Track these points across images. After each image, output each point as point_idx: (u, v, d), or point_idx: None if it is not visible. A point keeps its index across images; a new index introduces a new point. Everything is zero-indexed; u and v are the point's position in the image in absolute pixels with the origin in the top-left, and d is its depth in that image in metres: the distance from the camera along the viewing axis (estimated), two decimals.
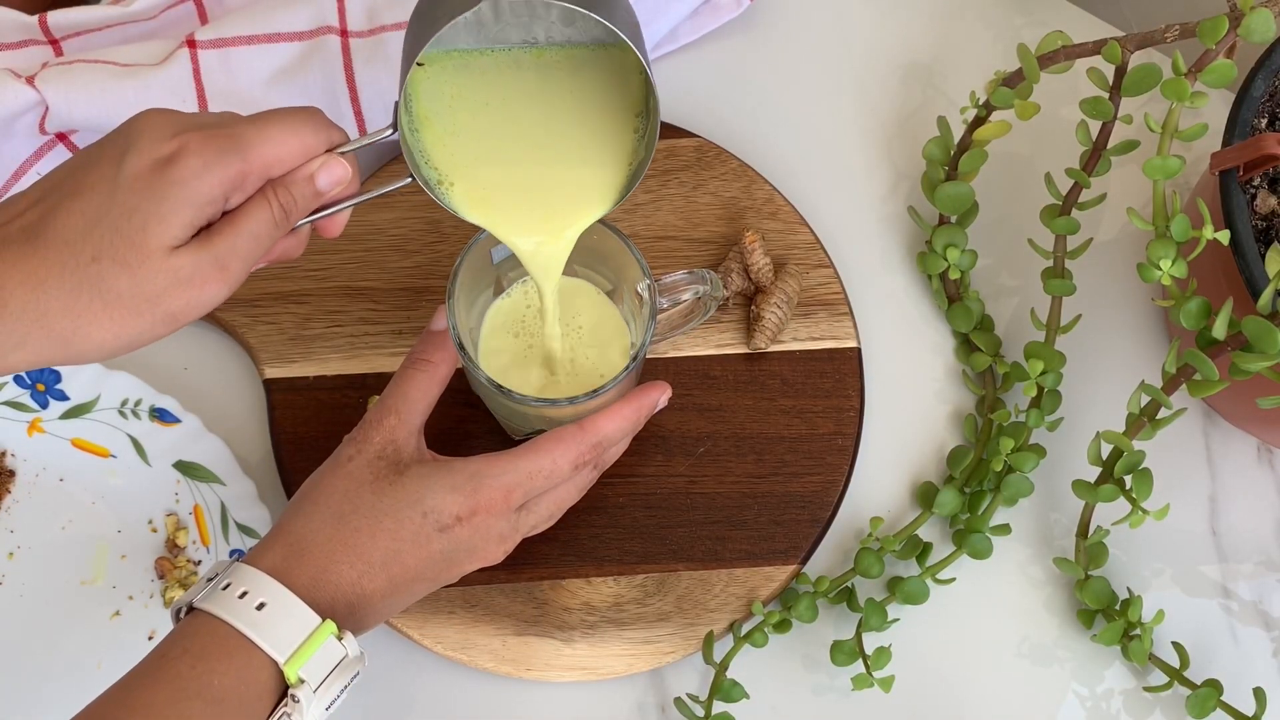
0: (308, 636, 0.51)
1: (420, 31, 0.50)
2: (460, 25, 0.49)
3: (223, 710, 0.49)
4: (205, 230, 0.50)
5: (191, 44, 0.68)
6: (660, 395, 0.61)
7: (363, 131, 0.71)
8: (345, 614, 0.54)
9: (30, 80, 0.66)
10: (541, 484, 0.57)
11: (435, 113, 0.56)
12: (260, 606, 0.51)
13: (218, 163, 0.48)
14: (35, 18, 0.70)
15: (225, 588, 0.51)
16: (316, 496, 0.55)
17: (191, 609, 0.52)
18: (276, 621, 0.51)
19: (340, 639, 0.52)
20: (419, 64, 0.54)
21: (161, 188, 0.48)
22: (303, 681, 0.50)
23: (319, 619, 0.51)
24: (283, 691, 0.51)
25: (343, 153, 0.53)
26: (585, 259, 0.63)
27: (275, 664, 0.50)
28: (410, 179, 0.54)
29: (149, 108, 0.51)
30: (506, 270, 0.63)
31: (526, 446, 0.57)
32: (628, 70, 0.55)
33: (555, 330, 0.60)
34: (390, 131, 0.53)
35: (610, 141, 0.56)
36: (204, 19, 0.73)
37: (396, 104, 0.52)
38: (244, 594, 0.51)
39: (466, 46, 0.55)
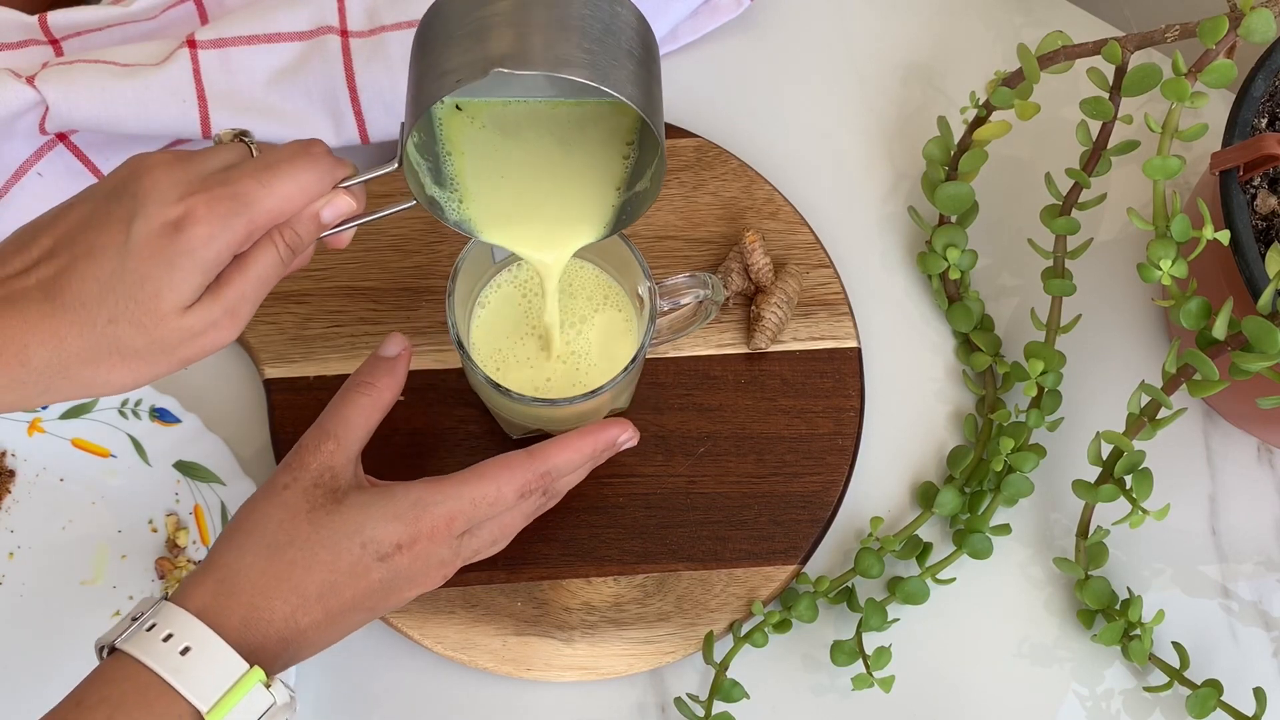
0: (233, 685, 0.49)
1: (430, 80, 0.50)
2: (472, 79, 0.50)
3: None
4: (214, 280, 0.50)
5: (192, 44, 0.68)
6: (620, 434, 0.60)
7: (363, 130, 0.71)
8: (278, 650, 0.52)
9: (30, 80, 0.66)
10: (485, 511, 0.56)
11: (463, 145, 0.57)
12: (184, 651, 0.49)
13: (225, 228, 0.49)
14: (35, 18, 0.70)
15: (150, 629, 0.50)
16: (250, 528, 0.53)
17: (114, 649, 0.50)
18: (200, 668, 0.48)
19: (269, 686, 0.50)
20: (458, 108, 0.56)
21: (170, 256, 0.48)
22: None
23: (246, 666, 0.49)
24: None
25: (349, 186, 0.53)
26: (594, 258, 0.64)
27: (198, 713, 0.48)
28: (414, 202, 0.55)
29: (153, 158, 0.51)
30: (508, 265, 0.63)
31: (471, 472, 0.56)
32: (628, 109, 0.57)
33: (554, 312, 0.61)
34: (394, 166, 0.53)
35: (612, 171, 0.58)
36: (204, 19, 0.73)
37: (402, 134, 0.52)
38: (169, 636, 0.49)
39: (486, 98, 0.56)
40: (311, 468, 0.55)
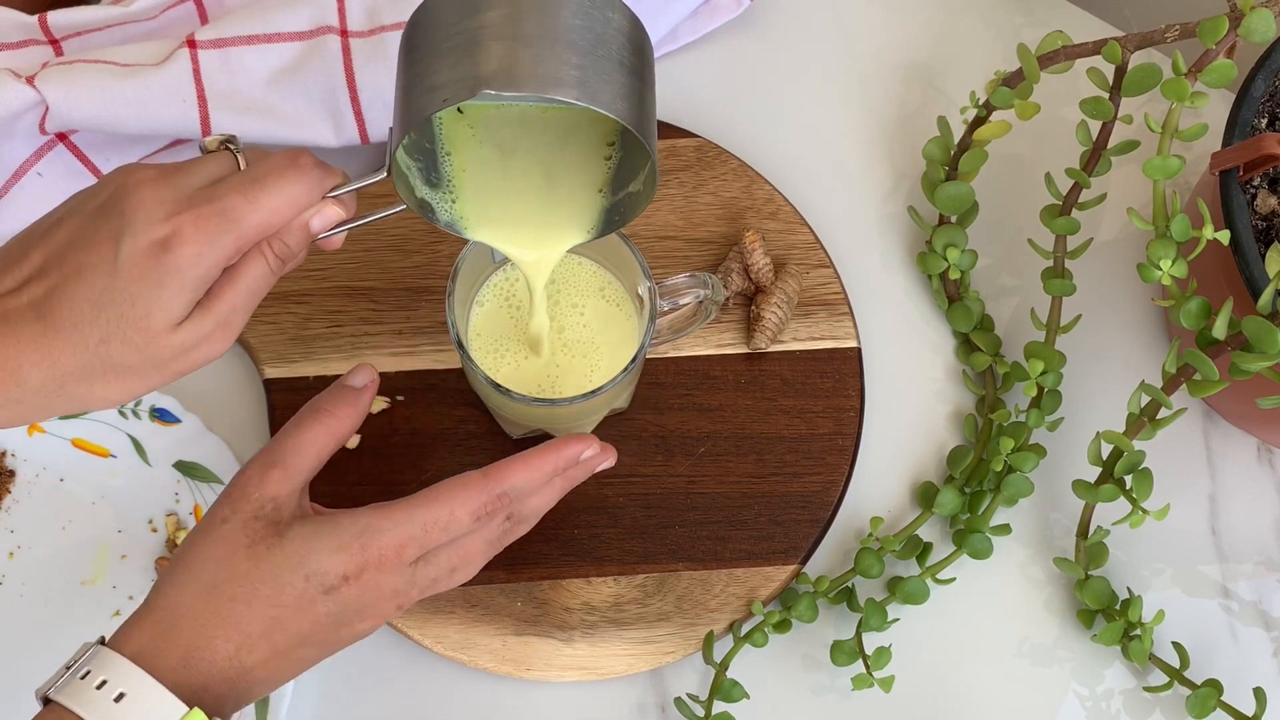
0: None
1: (418, 94, 0.50)
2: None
3: None
4: (205, 294, 0.50)
5: (191, 44, 0.68)
6: (583, 451, 0.57)
7: (363, 130, 0.71)
8: (223, 692, 0.50)
9: (30, 80, 0.66)
10: (439, 537, 0.53)
11: (459, 144, 0.57)
12: (119, 698, 0.47)
13: (213, 246, 0.49)
14: (35, 18, 0.70)
15: (84, 676, 0.48)
16: (188, 565, 0.51)
17: (48, 701, 0.48)
18: (134, 715, 0.47)
19: None
20: (459, 110, 0.56)
21: (159, 275, 0.48)
22: None
23: (183, 708, 0.47)
24: None
25: (338, 195, 0.53)
26: (594, 257, 0.63)
27: None
28: (405, 205, 0.55)
29: (140, 174, 0.50)
30: (506, 264, 0.63)
31: (422, 495, 0.53)
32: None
33: (542, 318, 0.60)
34: (384, 174, 0.53)
35: (594, 174, 0.57)
36: (204, 19, 0.73)
37: (391, 141, 0.52)
38: (102, 683, 0.47)
39: (478, 102, 0.55)
40: (252, 499, 0.52)
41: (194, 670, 0.49)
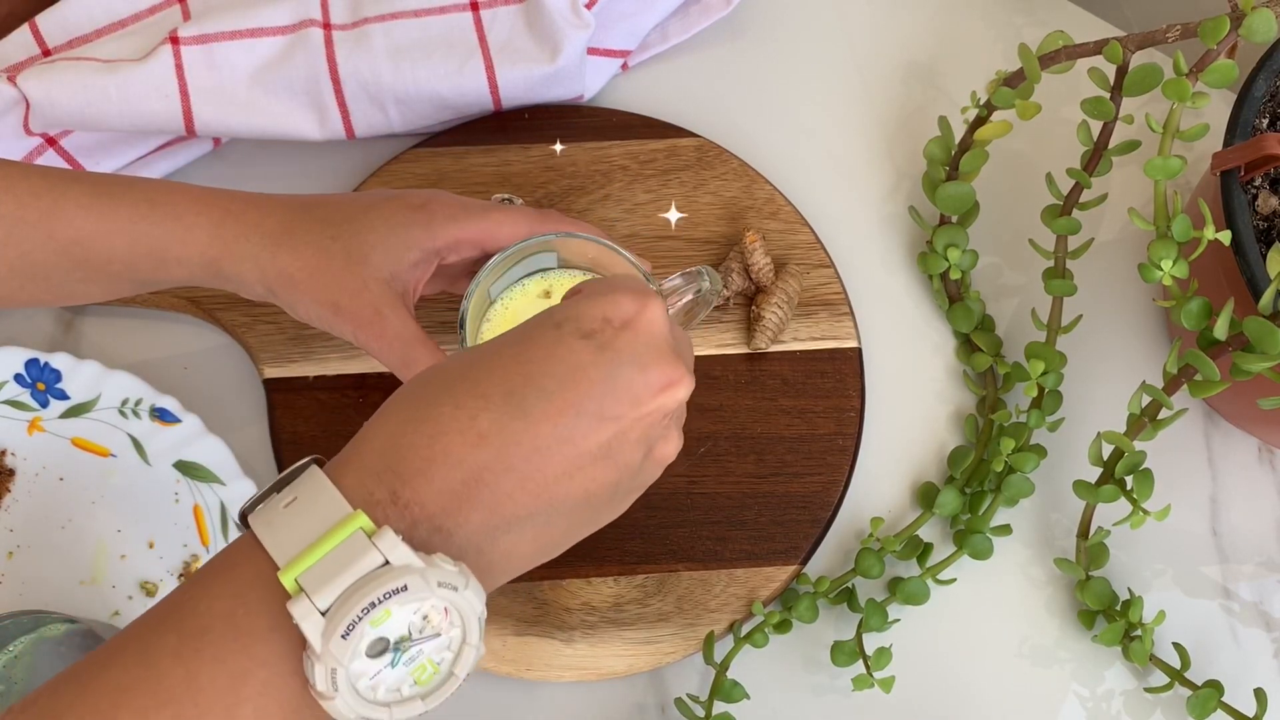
0: (324, 532, 0.38)
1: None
2: None
3: (202, 645, 0.37)
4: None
5: (174, 40, 0.68)
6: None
7: (348, 124, 0.70)
8: (456, 494, 0.40)
9: (11, 78, 0.66)
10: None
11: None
12: (289, 504, 0.39)
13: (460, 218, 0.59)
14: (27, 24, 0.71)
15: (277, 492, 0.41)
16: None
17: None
18: (295, 517, 0.39)
19: (374, 538, 0.38)
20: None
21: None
22: (303, 592, 0.37)
23: (346, 510, 0.38)
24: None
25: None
26: (593, 271, 0.63)
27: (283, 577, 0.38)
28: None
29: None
30: (498, 294, 0.63)
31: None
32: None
33: None
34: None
35: None
36: (187, 17, 0.73)
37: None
38: (292, 501, 0.40)
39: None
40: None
41: (401, 464, 0.40)
